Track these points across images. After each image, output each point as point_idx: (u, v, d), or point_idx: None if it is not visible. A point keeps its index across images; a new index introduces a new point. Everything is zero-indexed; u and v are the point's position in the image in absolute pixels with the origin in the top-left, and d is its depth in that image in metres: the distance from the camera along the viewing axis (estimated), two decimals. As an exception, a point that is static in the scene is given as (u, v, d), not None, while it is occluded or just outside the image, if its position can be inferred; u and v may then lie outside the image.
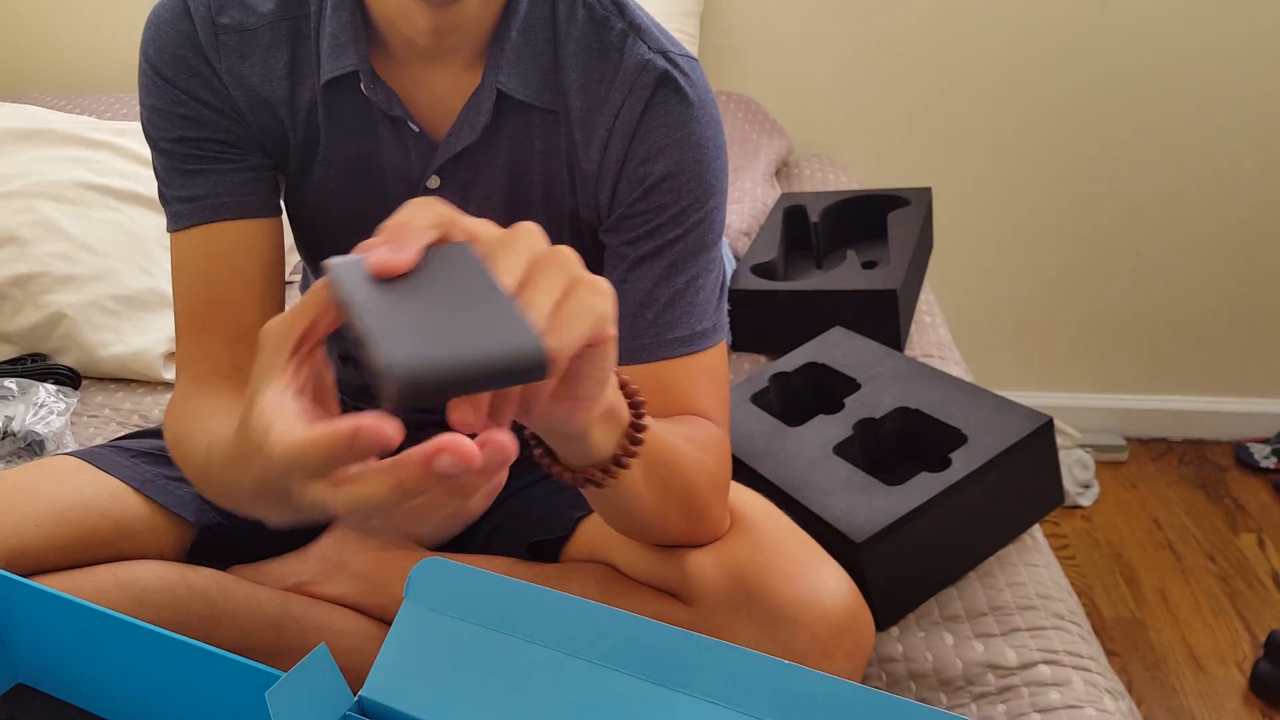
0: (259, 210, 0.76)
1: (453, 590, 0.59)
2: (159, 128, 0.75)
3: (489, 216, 0.75)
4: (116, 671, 0.65)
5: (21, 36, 2.09)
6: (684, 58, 0.75)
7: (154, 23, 0.75)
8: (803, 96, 1.95)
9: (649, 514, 0.68)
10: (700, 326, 0.75)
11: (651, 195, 0.73)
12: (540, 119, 0.75)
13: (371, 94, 0.73)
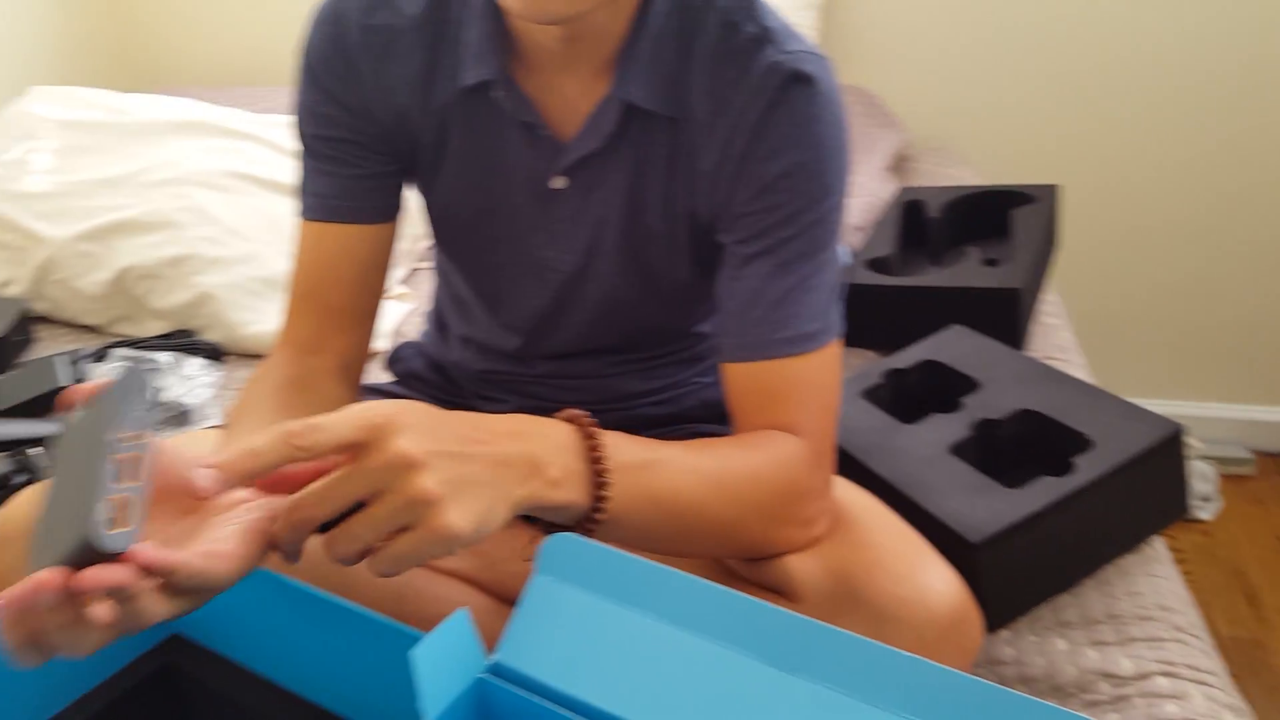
0: (369, 217, 0.82)
1: (582, 564, 0.61)
2: (303, 122, 0.82)
3: (609, 217, 0.79)
4: (266, 626, 0.69)
5: (177, 32, 2.23)
6: (814, 56, 0.74)
7: (312, 23, 0.80)
8: (922, 88, 1.92)
9: (686, 544, 0.70)
10: (809, 328, 0.75)
11: (767, 194, 0.73)
12: (662, 125, 0.76)
13: (505, 102, 0.76)
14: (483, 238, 0.84)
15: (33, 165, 1.48)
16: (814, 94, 0.73)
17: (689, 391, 0.95)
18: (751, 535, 0.72)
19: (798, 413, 0.74)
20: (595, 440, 0.62)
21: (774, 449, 0.73)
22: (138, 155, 1.48)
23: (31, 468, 1.09)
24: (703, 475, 0.69)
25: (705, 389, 0.96)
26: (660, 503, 0.67)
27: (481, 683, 0.59)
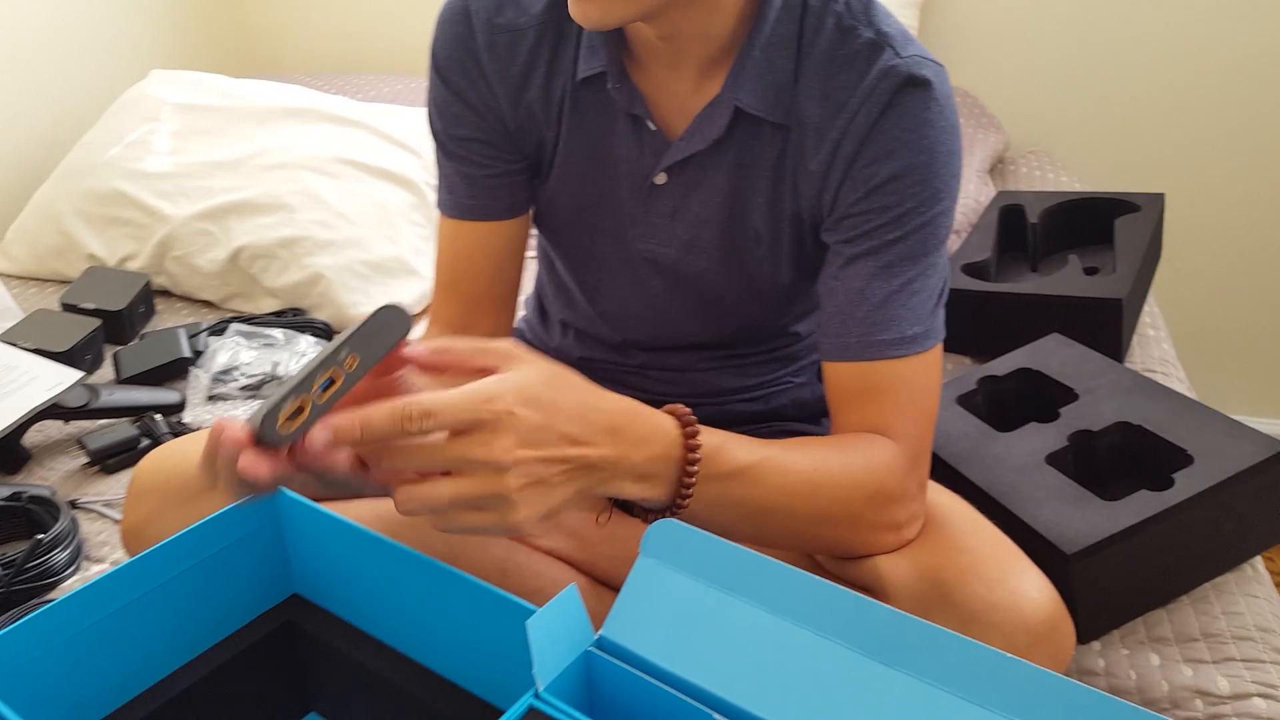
0: (500, 214, 0.86)
1: (685, 549, 0.63)
2: (434, 119, 0.85)
3: (709, 216, 0.81)
4: (381, 590, 0.73)
5: (286, 19, 2.30)
6: (930, 63, 0.74)
7: (439, 22, 0.83)
8: (1023, 91, 1.89)
9: (769, 541, 0.72)
10: (911, 331, 0.75)
11: (874, 195, 0.74)
12: (770, 129, 0.77)
13: (616, 93, 0.78)
14: (585, 228, 0.87)
15: (154, 146, 1.56)
16: (929, 98, 0.72)
17: (781, 390, 0.97)
18: (838, 536, 0.73)
19: (895, 415, 0.74)
20: (693, 448, 0.64)
21: (869, 452, 0.73)
22: (252, 139, 1.54)
23: (154, 432, 1.16)
24: (795, 481, 0.70)
25: (798, 388, 0.97)
26: (744, 508, 0.69)
27: (589, 655, 0.61)
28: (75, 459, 1.16)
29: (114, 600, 0.69)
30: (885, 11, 0.76)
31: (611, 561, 0.89)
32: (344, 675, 0.78)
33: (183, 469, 0.81)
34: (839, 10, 0.75)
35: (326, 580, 0.78)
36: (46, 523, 1.02)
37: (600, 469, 0.63)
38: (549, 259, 0.97)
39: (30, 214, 1.58)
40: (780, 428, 0.94)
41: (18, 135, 1.83)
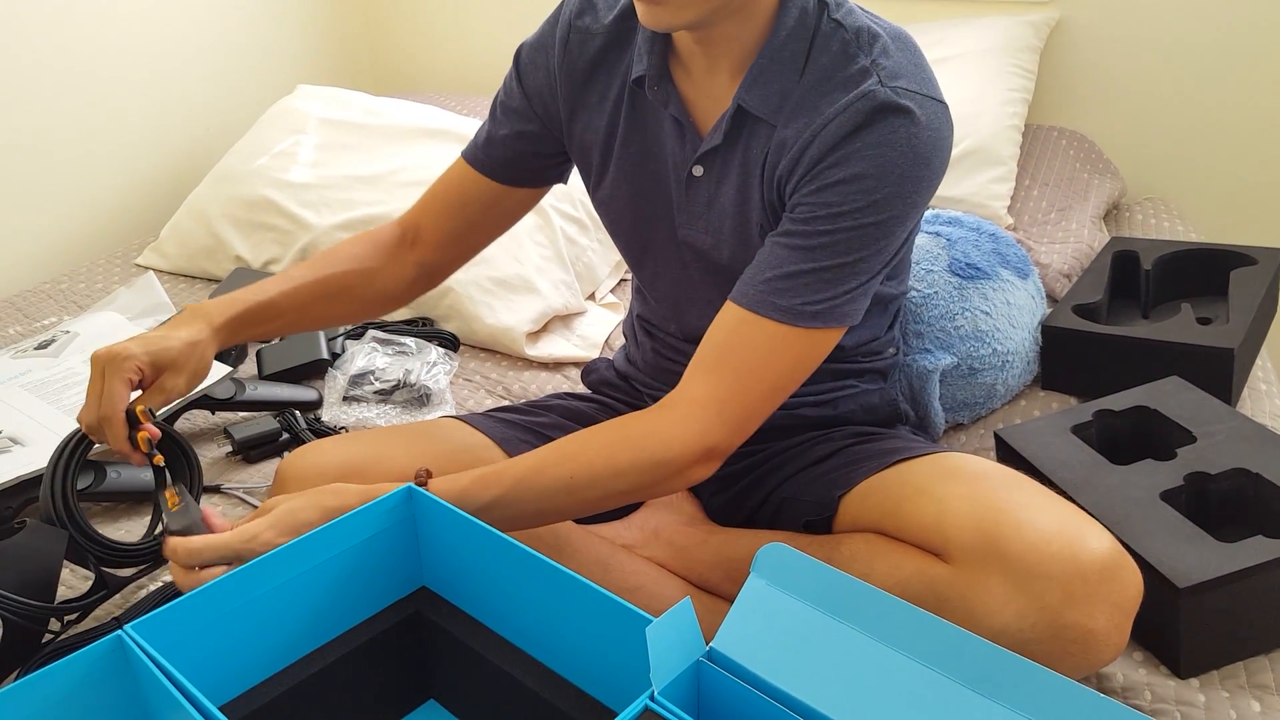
0: (495, 175, 0.99)
1: (793, 573, 0.67)
2: (500, 92, 1.00)
3: (727, 206, 0.90)
4: (502, 588, 0.78)
5: (424, 41, 2.42)
6: (922, 98, 0.80)
7: (547, 18, 0.96)
8: (1142, 138, 1.87)
9: (562, 518, 0.86)
10: (802, 305, 0.80)
11: (823, 192, 0.80)
12: (765, 129, 0.85)
13: (653, 95, 0.89)
14: (641, 218, 0.96)
15: (299, 157, 1.67)
16: (898, 124, 0.78)
17: (849, 395, 1.01)
18: (619, 503, 0.84)
19: (729, 376, 0.82)
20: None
21: (644, 433, 0.82)
22: (390, 156, 1.64)
23: (294, 427, 1.24)
24: (554, 493, 0.82)
25: (866, 394, 1.01)
26: (514, 522, 0.83)
27: (699, 665, 0.66)
28: (220, 447, 1.26)
29: (265, 582, 0.76)
30: (891, 47, 0.82)
31: (706, 565, 0.95)
32: (464, 666, 0.83)
33: (321, 465, 0.89)
34: (846, 38, 0.83)
35: (454, 575, 0.84)
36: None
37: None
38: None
39: (184, 215, 1.71)
40: (851, 431, 0.99)
41: (173, 142, 1.98)
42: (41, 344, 1.35)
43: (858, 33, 0.82)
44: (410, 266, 1.02)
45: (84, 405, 0.85)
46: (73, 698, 0.67)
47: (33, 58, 1.69)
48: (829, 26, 0.83)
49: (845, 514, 0.89)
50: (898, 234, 0.82)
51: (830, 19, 0.83)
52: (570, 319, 1.51)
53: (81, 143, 1.80)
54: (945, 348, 1.15)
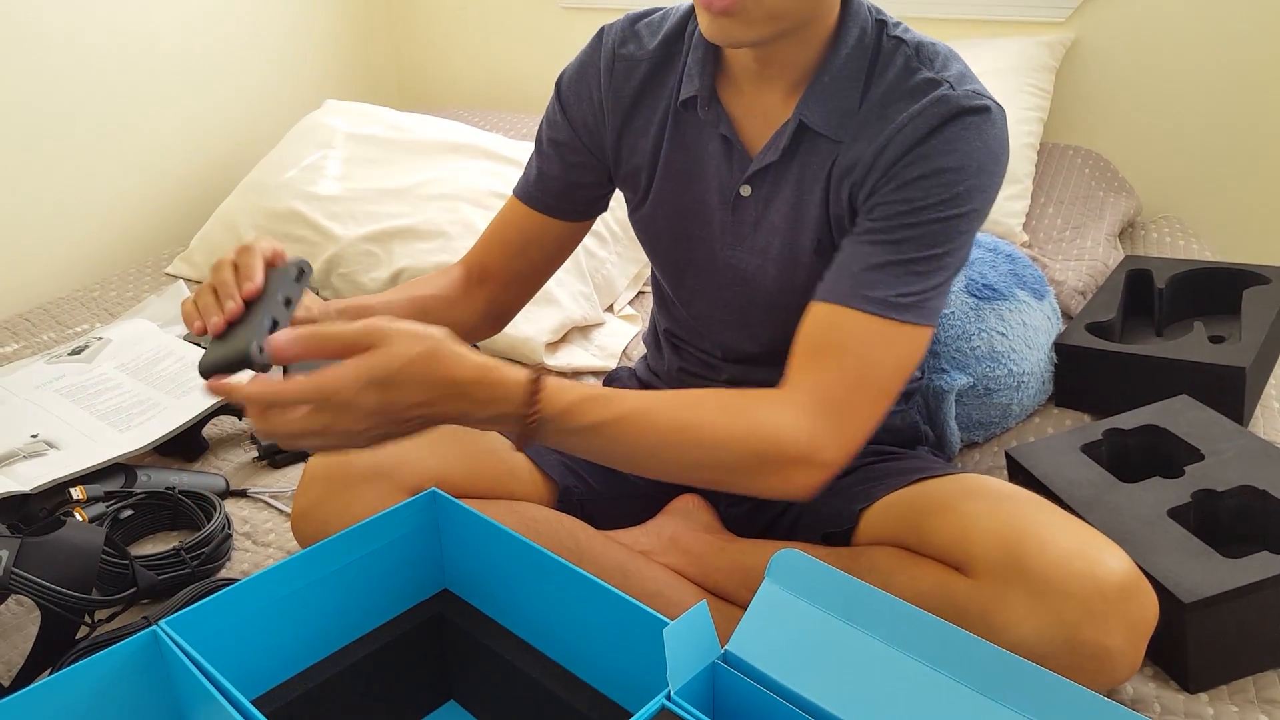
0: (549, 211, 1.01)
1: (808, 578, 0.69)
2: (542, 127, 1.01)
3: (779, 224, 0.91)
4: (522, 590, 0.80)
5: (448, 58, 2.46)
6: (987, 100, 0.82)
7: (584, 48, 0.98)
8: (1156, 157, 1.88)
9: (649, 474, 0.82)
10: (897, 298, 0.80)
11: (904, 189, 0.81)
12: (827, 145, 0.86)
13: (704, 115, 0.90)
14: (681, 238, 0.97)
15: (327, 171, 1.70)
16: (973, 123, 0.81)
17: None
18: (720, 481, 0.80)
19: (834, 377, 0.79)
20: (532, 407, 0.73)
21: (758, 410, 0.78)
22: (415, 170, 1.67)
23: (316, 433, 1.27)
24: (657, 437, 0.77)
25: (889, 415, 1.01)
26: (604, 455, 0.78)
27: (715, 667, 0.67)
28: (247, 453, 1.28)
29: (292, 582, 0.78)
30: (950, 59, 0.85)
31: (722, 573, 0.96)
32: (484, 667, 0.85)
33: (346, 462, 0.91)
34: (908, 54, 0.85)
35: (475, 578, 0.86)
36: (196, 517, 1.12)
37: (446, 421, 0.73)
38: (656, 274, 1.06)
39: (213, 225, 1.75)
40: (871, 449, 0.99)
41: (203, 154, 2.02)
42: (75, 350, 1.38)
43: (918, 48, 0.85)
44: (481, 302, 1.03)
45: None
46: (108, 691, 0.69)
47: (70, 73, 1.74)
48: (890, 44, 0.86)
49: (866, 528, 0.91)
50: (976, 228, 0.83)
51: (890, 36, 0.86)
52: (589, 330, 1.54)
53: (114, 155, 1.84)
54: (961, 368, 1.17)
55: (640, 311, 1.63)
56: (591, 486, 1.03)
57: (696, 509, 1.04)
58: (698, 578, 0.97)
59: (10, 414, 1.24)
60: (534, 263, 1.04)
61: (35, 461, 1.15)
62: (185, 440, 1.26)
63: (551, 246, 1.03)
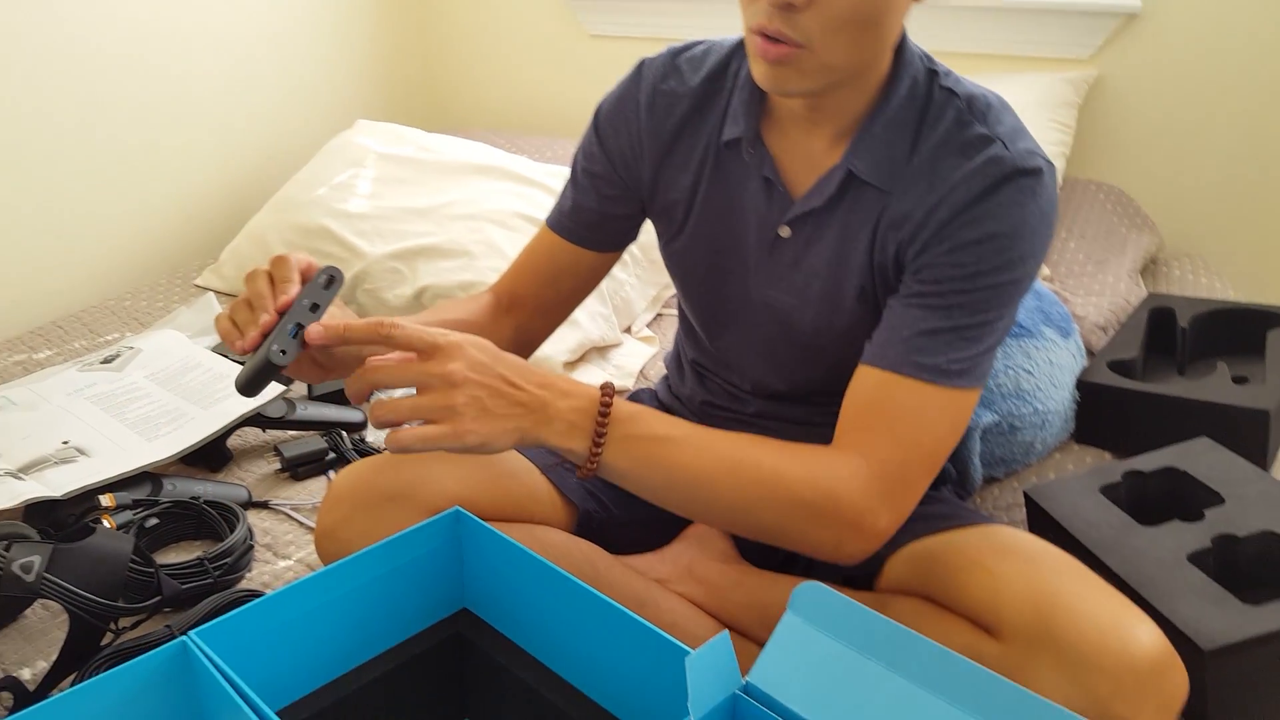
0: (582, 241, 1.02)
1: (830, 611, 0.69)
2: (577, 157, 1.01)
3: (819, 268, 0.91)
4: (542, 613, 0.80)
5: (476, 81, 2.49)
6: (1039, 159, 0.82)
7: (620, 81, 0.98)
8: (1179, 193, 1.89)
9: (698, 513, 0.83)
10: (949, 365, 0.80)
11: (957, 252, 0.81)
12: (874, 194, 0.86)
13: (749, 157, 0.90)
14: (715, 274, 0.97)
15: (357, 189, 1.73)
16: (1027, 185, 0.80)
17: None
18: (767, 527, 0.81)
19: (887, 442, 0.80)
20: (605, 406, 0.78)
21: (818, 463, 0.79)
22: (442, 190, 1.69)
23: (340, 447, 1.29)
24: (714, 463, 0.79)
25: None
26: (660, 473, 0.80)
27: (736, 698, 0.68)
28: (269, 464, 1.30)
29: (317, 597, 0.79)
30: (1001, 112, 0.85)
31: (739, 607, 0.96)
32: (501, 688, 0.85)
33: (371, 482, 0.92)
34: (960, 106, 0.84)
35: (495, 599, 0.86)
36: (220, 527, 1.14)
37: (532, 410, 0.77)
38: (683, 305, 1.07)
39: (243, 239, 1.78)
40: None
41: (233, 169, 2.05)
42: (106, 358, 1.41)
43: (970, 100, 0.84)
44: (509, 329, 1.03)
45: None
46: (136, 699, 0.71)
47: (107, 87, 1.77)
48: (941, 95, 0.85)
49: (890, 573, 0.90)
50: (1026, 290, 0.83)
51: (941, 88, 0.85)
52: (606, 350, 1.55)
53: (148, 168, 1.87)
54: (986, 405, 1.17)
55: (658, 334, 1.64)
56: (611, 513, 1.03)
57: (713, 536, 1.04)
58: (714, 609, 0.97)
59: (42, 420, 1.26)
60: (563, 292, 1.05)
61: (66, 468, 1.17)
62: (210, 450, 1.27)
63: (582, 276, 1.04)
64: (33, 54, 1.64)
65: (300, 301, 0.77)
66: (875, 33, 0.79)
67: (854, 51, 0.79)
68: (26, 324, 1.70)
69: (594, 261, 1.03)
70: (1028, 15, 1.87)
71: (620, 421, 0.78)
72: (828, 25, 0.76)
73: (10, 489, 1.11)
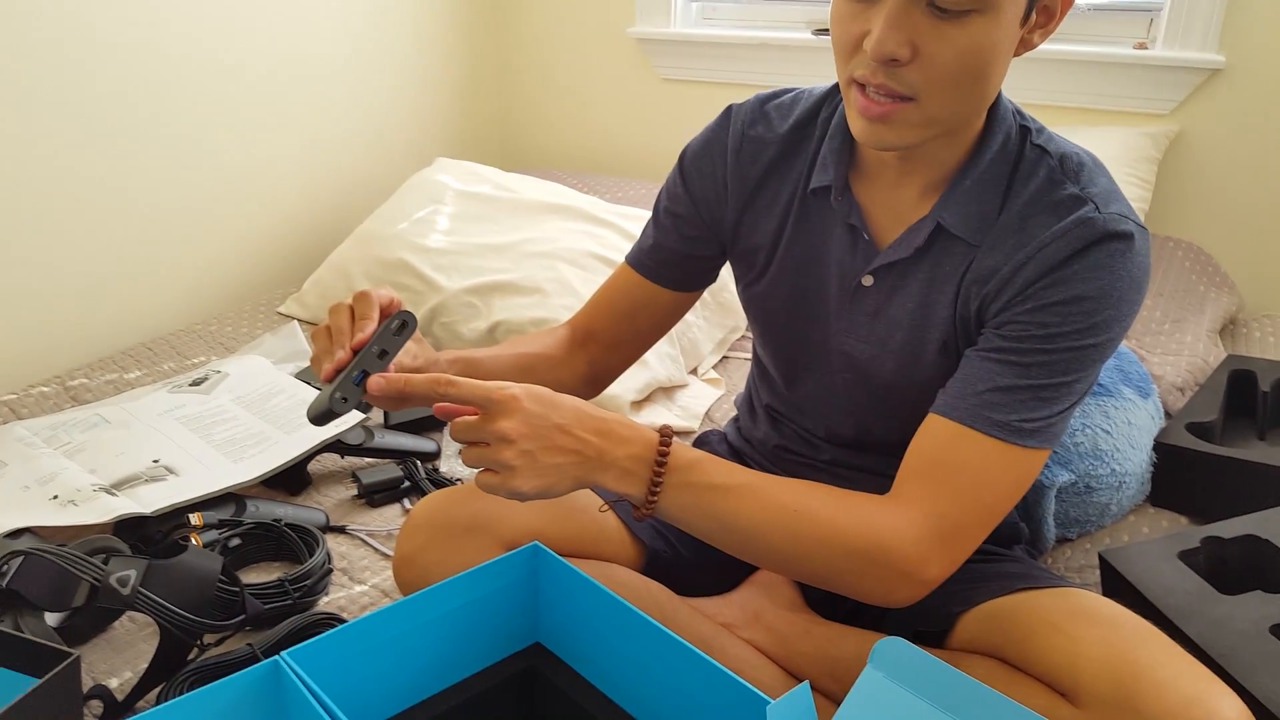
0: (660, 280, 1.03)
1: (911, 668, 0.70)
2: (661, 197, 1.04)
3: (901, 318, 0.91)
4: (615, 650, 0.81)
5: (546, 122, 2.56)
6: (1130, 223, 0.80)
7: (710, 125, 1.00)
8: (1260, 254, 1.86)
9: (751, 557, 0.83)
10: (1021, 423, 0.79)
11: (1040, 312, 0.80)
12: (962, 246, 0.86)
13: (837, 205, 0.90)
14: (794, 319, 0.98)
15: (436, 225, 1.78)
16: (1117, 249, 0.79)
17: None
18: (820, 574, 0.81)
19: (946, 495, 0.80)
20: (663, 453, 0.80)
21: (870, 513, 0.80)
22: (518, 228, 1.74)
23: (414, 476, 1.32)
24: (771, 513, 0.80)
25: None
26: (716, 521, 0.81)
27: (814, 749, 0.68)
28: (347, 490, 1.34)
29: (400, 624, 0.81)
30: (1095, 173, 0.84)
31: (806, 658, 0.96)
32: (573, 721, 0.87)
33: (449, 513, 0.95)
34: (1052, 165, 0.84)
35: (568, 634, 0.87)
36: (299, 550, 1.17)
37: (588, 458, 0.78)
38: (759, 348, 1.08)
39: (326, 270, 1.84)
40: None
41: (318, 202, 2.12)
42: (195, 381, 1.46)
43: (1062, 159, 0.84)
44: (583, 364, 1.05)
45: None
46: (229, 715, 0.73)
47: (202, 125, 1.86)
48: (1033, 153, 0.85)
49: (963, 631, 0.89)
50: (1109, 354, 0.82)
51: (1033, 145, 0.85)
52: (673, 391, 1.57)
53: (237, 200, 1.95)
54: (1064, 464, 1.16)
55: (724, 375, 1.66)
56: (679, 553, 1.04)
57: (780, 583, 1.04)
58: (780, 658, 0.97)
59: (134, 438, 1.31)
60: (639, 329, 1.06)
61: (156, 485, 1.22)
62: (290, 474, 1.31)
63: (658, 315, 1.06)
64: (139, 93, 1.73)
65: (370, 348, 0.81)
66: (981, 86, 0.78)
67: (958, 105, 0.79)
68: (118, 345, 1.78)
69: (670, 300, 1.05)
70: (1110, 68, 1.87)
71: (677, 469, 0.80)
72: (933, 79, 0.76)
73: (104, 504, 1.16)
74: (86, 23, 1.63)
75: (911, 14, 0.74)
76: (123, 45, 1.69)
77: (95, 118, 1.67)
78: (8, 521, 1.13)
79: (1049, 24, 0.80)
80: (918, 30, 0.74)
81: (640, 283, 1.04)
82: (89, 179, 1.68)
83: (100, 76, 1.66)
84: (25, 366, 1.66)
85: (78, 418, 1.37)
